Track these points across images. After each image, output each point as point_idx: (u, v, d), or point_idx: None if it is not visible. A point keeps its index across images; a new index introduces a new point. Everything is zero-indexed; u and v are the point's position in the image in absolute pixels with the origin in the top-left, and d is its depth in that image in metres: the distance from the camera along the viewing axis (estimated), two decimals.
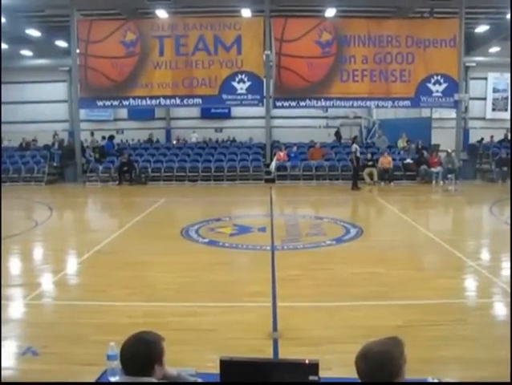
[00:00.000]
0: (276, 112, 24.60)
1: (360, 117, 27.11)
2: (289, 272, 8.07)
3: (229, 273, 8.31)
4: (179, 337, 5.08)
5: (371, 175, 20.41)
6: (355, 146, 20.04)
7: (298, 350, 5.03)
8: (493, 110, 29.63)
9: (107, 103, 22.69)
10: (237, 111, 29.14)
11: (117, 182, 21.25)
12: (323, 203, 17.13)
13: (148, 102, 22.49)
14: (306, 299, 6.80)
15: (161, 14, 22.08)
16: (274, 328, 5.81)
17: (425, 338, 5.38)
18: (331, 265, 8.54)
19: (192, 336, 5.55)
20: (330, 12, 21.99)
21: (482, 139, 25.01)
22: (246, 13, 22.44)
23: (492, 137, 24.43)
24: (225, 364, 2.93)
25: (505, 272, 7.93)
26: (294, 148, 22.92)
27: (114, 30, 21.88)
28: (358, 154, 19.66)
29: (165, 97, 22.41)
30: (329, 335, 5.54)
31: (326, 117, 28.80)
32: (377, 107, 23.13)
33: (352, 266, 8.43)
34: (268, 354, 5.05)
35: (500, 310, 6.65)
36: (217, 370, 2.93)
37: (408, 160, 21.40)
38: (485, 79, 29.28)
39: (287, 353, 4.93)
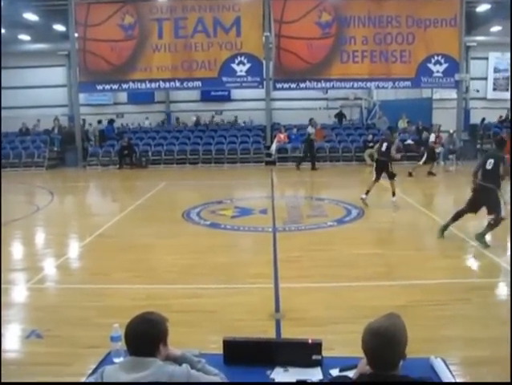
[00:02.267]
0: (276, 94, 24.44)
1: (361, 98, 26.94)
2: (290, 253, 8.08)
3: (231, 255, 8.33)
4: (182, 319, 5.08)
5: (371, 156, 20.35)
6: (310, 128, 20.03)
7: (301, 330, 5.05)
8: (494, 90, 29.38)
9: (107, 86, 22.58)
10: (237, 93, 28.93)
11: (118, 166, 21.25)
12: (323, 184, 17.13)
13: (148, 85, 22.43)
14: (308, 280, 6.82)
15: None
16: (277, 309, 5.83)
17: (428, 318, 5.41)
18: (333, 246, 8.55)
19: (194, 318, 5.57)
20: None
21: (484, 119, 24.89)
22: None
23: (501, 117, 24.33)
24: (229, 344, 2.95)
25: (507, 252, 7.94)
26: (295, 130, 22.87)
27: (112, 13, 21.74)
28: (312, 136, 19.73)
29: (165, 80, 22.32)
30: (331, 316, 5.56)
31: (326, 99, 28.57)
32: (377, 88, 22.97)
33: (354, 247, 8.45)
34: (271, 334, 5.07)
35: (502, 289, 6.67)
36: (220, 350, 2.96)
37: (409, 141, 21.34)
38: (487, 58, 29.03)
39: (290, 333, 4.93)
